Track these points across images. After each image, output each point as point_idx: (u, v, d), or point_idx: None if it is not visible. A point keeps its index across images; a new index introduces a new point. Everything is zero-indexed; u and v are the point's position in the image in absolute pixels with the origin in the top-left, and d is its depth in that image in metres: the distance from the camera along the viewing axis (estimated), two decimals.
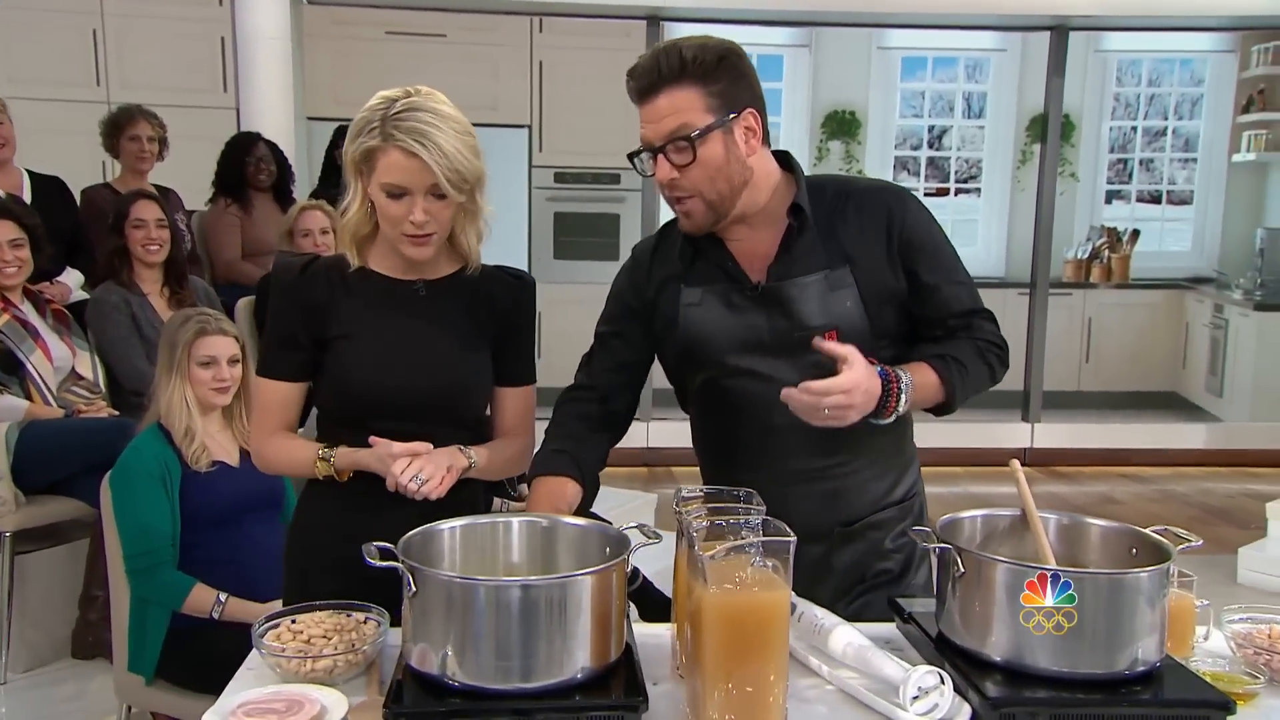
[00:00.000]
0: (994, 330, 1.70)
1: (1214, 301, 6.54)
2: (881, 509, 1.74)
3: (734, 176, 1.59)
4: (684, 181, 1.58)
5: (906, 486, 1.79)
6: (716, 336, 1.67)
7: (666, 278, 1.71)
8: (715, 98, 1.55)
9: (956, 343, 1.66)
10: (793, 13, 5.84)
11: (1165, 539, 1.35)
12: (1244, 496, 5.62)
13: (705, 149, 1.56)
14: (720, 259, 1.68)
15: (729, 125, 1.56)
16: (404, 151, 1.52)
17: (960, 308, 1.67)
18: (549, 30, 6.05)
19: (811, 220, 1.64)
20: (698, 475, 1.82)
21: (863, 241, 1.64)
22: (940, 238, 1.69)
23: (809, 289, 1.63)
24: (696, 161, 1.56)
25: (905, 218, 1.65)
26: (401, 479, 1.53)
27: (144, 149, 4.08)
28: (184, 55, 5.37)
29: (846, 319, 1.62)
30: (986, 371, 1.67)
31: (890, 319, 1.66)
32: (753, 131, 1.59)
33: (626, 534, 1.37)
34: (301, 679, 1.37)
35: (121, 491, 2.38)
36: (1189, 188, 7.26)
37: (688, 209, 1.61)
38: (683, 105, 1.55)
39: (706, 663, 1.24)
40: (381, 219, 1.61)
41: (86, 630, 3.12)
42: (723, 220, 1.63)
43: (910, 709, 1.28)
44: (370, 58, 5.92)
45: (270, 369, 1.68)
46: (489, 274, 1.73)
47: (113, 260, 3.42)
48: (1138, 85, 7.18)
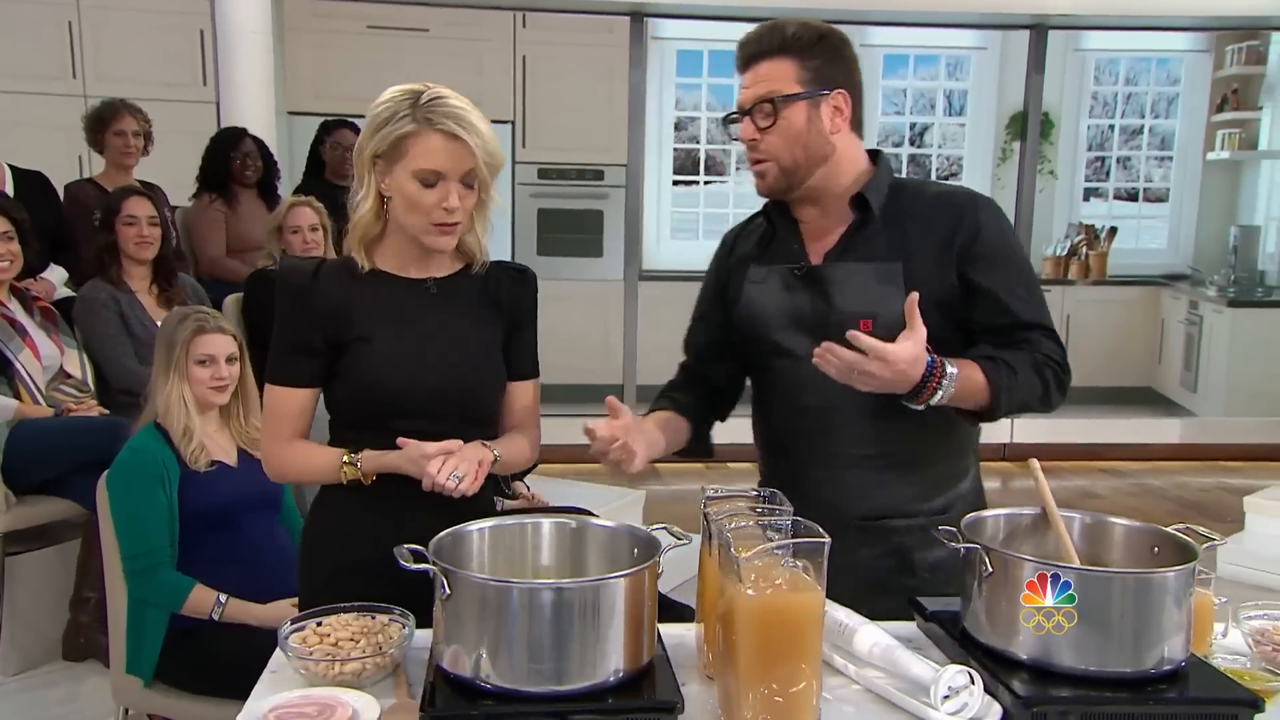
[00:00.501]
0: (1055, 349, 1.65)
1: (1189, 298, 6.63)
2: (909, 515, 1.72)
3: (812, 148, 1.67)
4: (763, 144, 1.67)
5: (948, 500, 1.75)
6: (767, 314, 1.75)
7: (744, 258, 1.81)
8: (808, 72, 1.65)
9: (1013, 352, 1.63)
10: (776, 9, 5.85)
11: (1188, 537, 1.37)
12: (1219, 490, 5.71)
13: (787, 115, 1.65)
14: (790, 239, 1.76)
15: (817, 100, 1.66)
16: (445, 135, 1.54)
17: (1019, 319, 1.65)
18: (532, 25, 6.03)
19: (878, 213, 1.69)
20: (680, 472, 1.87)
21: (923, 241, 1.67)
22: (1010, 249, 1.69)
23: (854, 276, 1.68)
24: (776, 126, 1.65)
25: (972, 223, 1.66)
26: (439, 478, 1.54)
27: (129, 144, 4.02)
28: (162, 48, 5.30)
29: (886, 311, 1.63)
30: (1039, 386, 1.63)
31: (936, 322, 1.62)
32: (840, 112, 1.68)
33: (655, 535, 1.37)
34: (329, 682, 1.36)
35: (119, 492, 2.36)
36: (1165, 185, 7.35)
37: (762, 170, 1.70)
38: (776, 74, 1.65)
39: (741, 664, 1.24)
40: (407, 210, 1.59)
41: (78, 632, 3.09)
42: (795, 189, 1.71)
43: (941, 708, 1.29)
44: (352, 52, 5.87)
45: (283, 375, 1.65)
46: (492, 270, 1.75)
47: (102, 257, 3.37)
48: (1115, 84, 7.25)
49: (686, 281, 6.59)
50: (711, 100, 7.05)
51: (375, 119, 1.58)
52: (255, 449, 2.52)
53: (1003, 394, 1.59)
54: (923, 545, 1.70)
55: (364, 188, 1.62)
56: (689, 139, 7.08)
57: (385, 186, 1.60)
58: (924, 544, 1.69)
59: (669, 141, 6.95)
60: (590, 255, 6.11)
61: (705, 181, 7.12)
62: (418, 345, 1.65)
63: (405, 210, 1.60)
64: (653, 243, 6.82)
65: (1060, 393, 1.65)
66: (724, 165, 7.18)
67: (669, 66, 6.83)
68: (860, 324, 1.61)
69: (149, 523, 2.33)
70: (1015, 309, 1.65)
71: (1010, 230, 1.72)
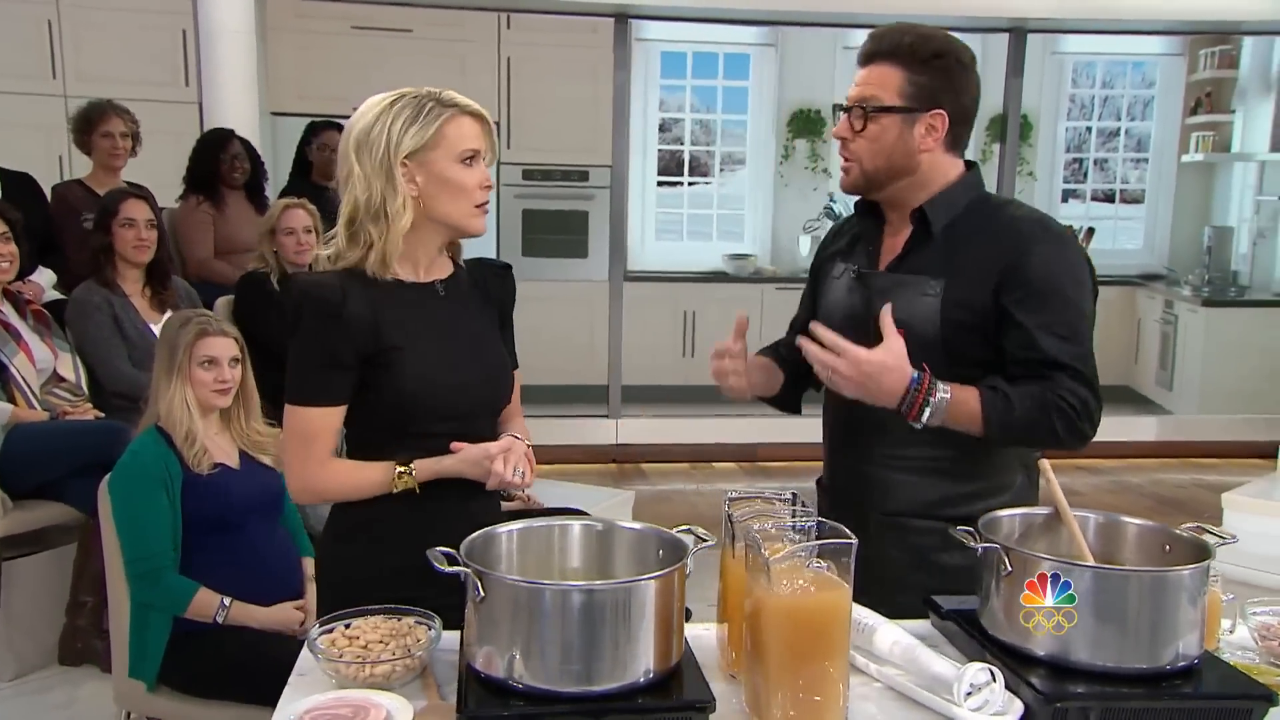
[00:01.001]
0: (1077, 391, 1.62)
1: (1165, 298, 6.73)
2: (934, 517, 1.72)
3: (896, 160, 1.71)
4: (852, 144, 1.73)
5: (977, 508, 1.65)
6: (832, 310, 1.83)
7: (836, 251, 1.90)
8: (913, 86, 1.68)
9: (1026, 386, 1.62)
10: (759, 12, 5.89)
11: (1197, 535, 1.41)
12: (1195, 487, 5.81)
13: (880, 124, 1.69)
14: (870, 241, 1.82)
15: (913, 117, 1.68)
16: (474, 116, 1.63)
17: (1047, 356, 1.62)
18: (516, 27, 6.03)
19: (937, 228, 1.72)
20: (666, 472, 1.95)
21: (974, 263, 1.68)
22: (1061, 288, 1.65)
23: (898, 286, 1.72)
24: (867, 131, 1.70)
25: (1023, 253, 1.64)
26: (506, 474, 1.59)
27: (118, 145, 4.00)
28: (143, 48, 5.26)
29: (919, 325, 1.67)
30: (1045, 426, 1.61)
31: (971, 344, 1.67)
32: (934, 131, 1.70)
33: (681, 537, 1.39)
34: (359, 684, 1.37)
35: (122, 495, 2.35)
36: (1141, 187, 7.46)
37: (846, 168, 1.77)
38: (883, 80, 1.69)
39: (771, 663, 1.27)
40: (452, 197, 1.62)
41: (75, 636, 3.07)
42: (873, 192, 1.77)
43: (964, 705, 1.32)
44: (335, 53, 5.85)
45: (317, 395, 1.61)
46: (475, 267, 1.80)
47: (97, 259, 3.35)
48: (1092, 87, 7.36)
49: (671, 282, 6.70)
50: (695, 102, 7.09)
51: (398, 121, 1.58)
52: (257, 451, 2.53)
53: (994, 426, 1.61)
54: (941, 548, 1.68)
55: (399, 195, 1.60)
56: (673, 140, 7.11)
57: (416, 185, 1.61)
58: (943, 546, 1.67)
59: (653, 143, 6.98)
60: (575, 256, 6.12)
61: (689, 183, 7.16)
62: (447, 348, 1.67)
63: (450, 198, 1.62)
64: (637, 243, 6.85)
65: (1073, 436, 1.62)
66: (708, 166, 7.22)
67: (653, 68, 6.86)
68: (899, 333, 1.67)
69: (152, 526, 2.33)
70: (1044, 346, 1.63)
71: (1067, 269, 1.67)
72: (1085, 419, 1.63)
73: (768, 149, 7.03)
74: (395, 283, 1.66)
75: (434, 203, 1.63)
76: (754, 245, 7.10)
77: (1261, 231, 6.86)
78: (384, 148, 1.59)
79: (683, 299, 6.41)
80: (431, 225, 1.66)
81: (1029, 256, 1.64)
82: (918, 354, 1.64)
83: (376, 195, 1.60)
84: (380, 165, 1.60)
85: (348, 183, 1.62)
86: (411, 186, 1.61)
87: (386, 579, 1.62)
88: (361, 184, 1.60)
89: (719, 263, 6.85)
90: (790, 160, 7.04)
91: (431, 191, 1.62)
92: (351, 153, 1.61)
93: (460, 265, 1.77)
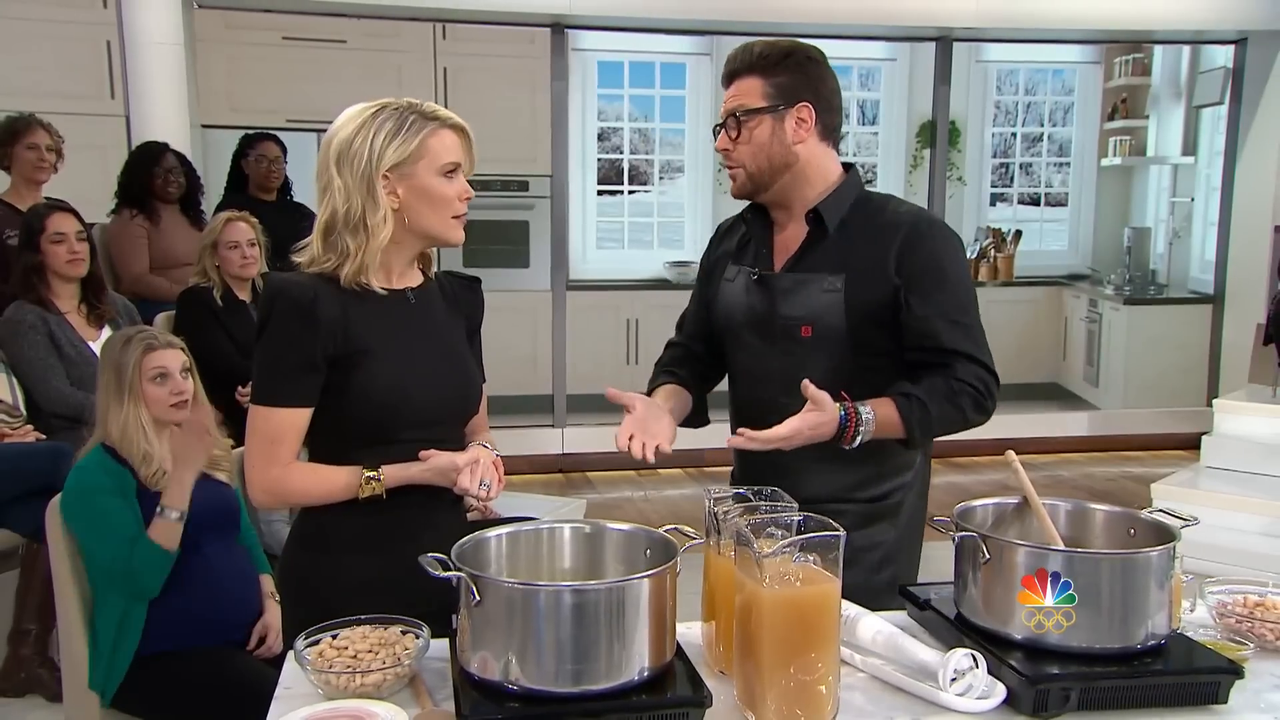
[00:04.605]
0: (976, 373, 1.76)
1: (1089, 297, 6.93)
2: (849, 501, 1.84)
3: (775, 157, 1.82)
4: (734, 153, 1.84)
5: (885, 489, 1.88)
6: (731, 310, 1.92)
7: (725, 253, 2.00)
8: (773, 88, 1.80)
9: (930, 380, 1.75)
10: (693, 21, 5.96)
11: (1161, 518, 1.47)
12: (1124, 479, 6.00)
13: (752, 128, 1.81)
14: (761, 243, 1.91)
15: (781, 113, 1.81)
16: (456, 129, 1.66)
17: (944, 344, 1.75)
18: (452, 37, 6.00)
19: (831, 227, 1.83)
20: (614, 480, 1.98)
21: (870, 256, 1.80)
22: (954, 276, 1.79)
23: (799, 285, 1.83)
24: (742, 137, 1.82)
25: (919, 246, 1.78)
26: (471, 488, 1.57)
27: (43, 158, 3.87)
28: (65, 60, 5.10)
29: (825, 321, 1.80)
30: (957, 414, 1.75)
31: (875, 334, 1.80)
32: (804, 123, 1.81)
33: (668, 536, 1.41)
34: (349, 694, 1.36)
35: (78, 510, 2.29)
36: (1064, 190, 7.69)
37: (733, 175, 1.88)
38: (746, 90, 1.82)
39: (764, 658, 1.29)
40: (431, 209, 1.64)
41: (19, 666, 2.96)
42: (761, 193, 1.87)
43: (949, 690, 1.36)
44: (267, 64, 5.75)
45: (286, 396, 1.61)
46: (445, 279, 1.81)
47: (29, 278, 3.24)
48: (1016, 94, 7.57)
49: (614, 290, 6.71)
50: (633, 111, 7.13)
51: (380, 134, 1.59)
52: (213, 467, 2.48)
53: (915, 428, 1.73)
54: (856, 526, 1.79)
55: (380, 207, 1.60)
56: (612, 149, 7.14)
57: (397, 197, 1.61)
58: (858, 525, 1.80)
59: (593, 152, 6.99)
60: (517, 266, 6.10)
61: (630, 191, 7.19)
62: (417, 355, 1.67)
63: (430, 210, 1.63)
64: (579, 253, 6.85)
65: (980, 414, 1.78)
66: (648, 175, 7.26)
67: (590, 78, 6.88)
68: (801, 329, 1.82)
69: (115, 523, 2.26)
70: (941, 334, 1.75)
71: (954, 256, 1.81)
72: (988, 396, 1.78)
73: (706, 157, 7.10)
74: (364, 290, 1.66)
75: (414, 215, 1.64)
76: (695, 252, 7.14)
77: (1176, 232, 7.12)
78: (366, 161, 1.60)
79: (625, 307, 6.43)
80: (410, 236, 1.67)
81: (917, 248, 1.78)
82: (827, 348, 1.79)
83: (356, 207, 1.61)
84: (362, 178, 1.60)
85: (326, 192, 1.62)
86: (393, 199, 1.62)
87: (353, 586, 1.63)
88: (341, 195, 1.60)
89: (661, 270, 6.89)
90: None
91: (412, 204, 1.63)
92: (332, 164, 1.61)
93: (430, 276, 1.77)
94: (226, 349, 3.51)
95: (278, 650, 2.34)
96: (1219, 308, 6.56)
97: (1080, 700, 1.33)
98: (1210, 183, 6.74)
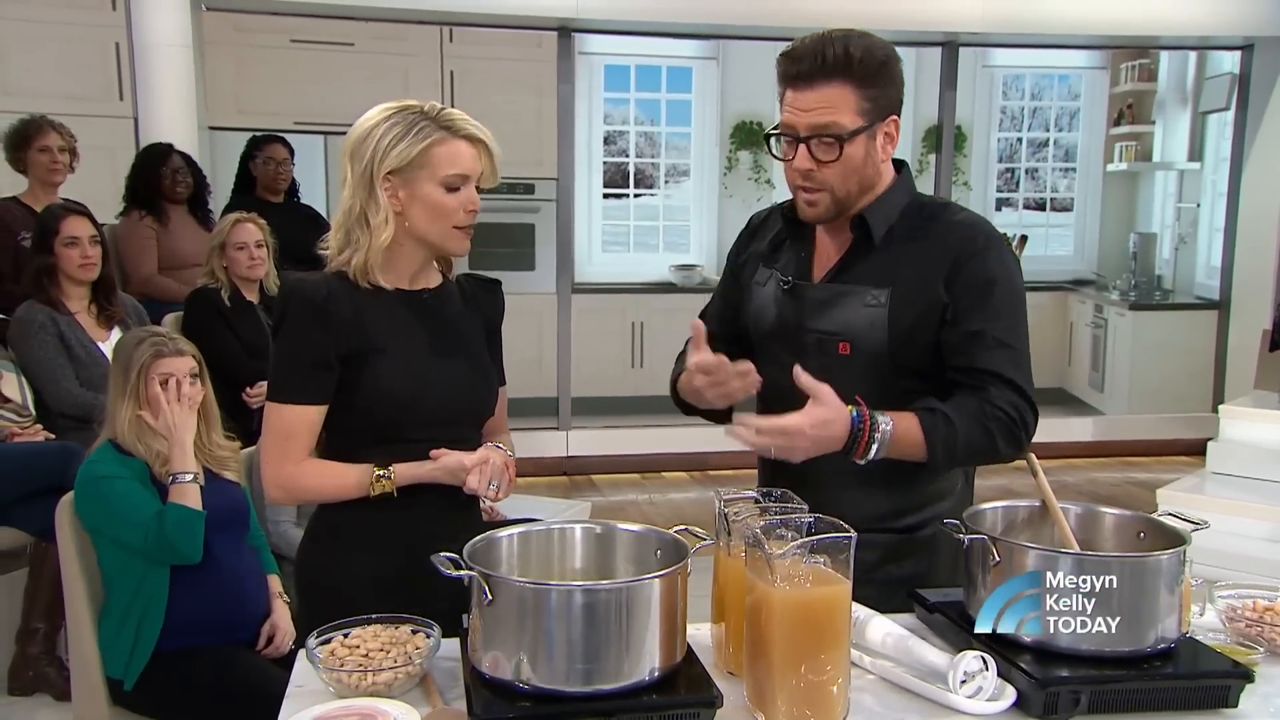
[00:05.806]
0: (1012, 400, 1.59)
1: (1095, 302, 6.94)
2: (882, 530, 1.67)
3: (866, 178, 1.63)
4: (820, 175, 1.61)
5: (918, 520, 1.71)
6: (759, 320, 1.76)
7: (756, 253, 1.82)
8: (869, 101, 1.58)
9: (961, 399, 1.59)
10: (700, 25, 5.97)
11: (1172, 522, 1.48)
12: (1129, 484, 6.00)
13: (850, 149, 1.59)
14: (799, 249, 1.74)
15: (874, 130, 1.60)
16: (469, 139, 1.62)
17: (982, 365, 1.59)
18: (459, 40, 6.01)
19: (877, 236, 1.66)
20: (617, 483, 1.92)
21: (921, 268, 1.62)
22: (1004, 294, 1.61)
23: (838, 298, 1.66)
24: (839, 160, 1.59)
25: (965, 259, 1.61)
26: (480, 489, 1.58)
27: (56, 160, 3.89)
28: (75, 62, 5.12)
29: (863, 336, 1.63)
30: (986, 440, 1.58)
31: (920, 356, 1.63)
32: (891, 139, 1.63)
33: (678, 537, 1.42)
34: (360, 693, 1.37)
35: (94, 500, 2.29)
36: (1070, 195, 7.69)
37: (814, 199, 1.64)
38: (837, 102, 1.57)
39: (774, 659, 1.29)
40: (432, 218, 1.63)
41: (26, 665, 2.97)
42: (842, 215, 1.66)
43: (959, 692, 1.36)
44: (275, 67, 5.77)
45: (299, 393, 1.63)
46: (465, 281, 1.81)
47: (40, 279, 3.25)
48: (1022, 99, 7.58)
49: (619, 294, 6.71)
50: (639, 114, 7.15)
51: (386, 136, 1.60)
52: (219, 467, 2.49)
53: (939, 447, 1.56)
54: (885, 561, 1.67)
55: (381, 208, 1.62)
56: (618, 152, 7.15)
57: (398, 201, 1.62)
58: (886, 559, 1.67)
59: (599, 155, 7.01)
60: (522, 269, 6.10)
61: (635, 194, 7.20)
62: (431, 355, 1.68)
63: (429, 219, 1.63)
64: (584, 256, 6.86)
65: (1011, 446, 1.60)
66: (653, 178, 7.27)
67: (597, 81, 6.90)
68: (838, 345, 1.64)
69: (135, 502, 2.26)
70: (979, 355, 1.59)
71: (1008, 273, 1.64)
72: (1022, 429, 1.60)
73: (711, 160, 7.11)
74: (378, 290, 1.67)
75: (413, 221, 1.64)
76: (700, 255, 7.16)
77: (1182, 237, 7.12)
78: (368, 160, 1.62)
79: (630, 310, 6.44)
80: (411, 241, 1.67)
81: (970, 263, 1.61)
82: (865, 368, 1.61)
83: (359, 204, 1.64)
84: (364, 176, 1.63)
85: (344, 185, 1.65)
86: (394, 201, 1.63)
87: (366, 582, 1.64)
88: (349, 190, 1.64)
89: (666, 273, 6.90)
90: (734, 171, 7.13)
91: (412, 210, 1.63)
92: (346, 158, 1.64)
93: (450, 278, 1.78)
94: (234, 349, 3.54)
95: (285, 650, 2.35)
96: (1225, 313, 6.55)
97: (1090, 703, 1.33)
98: (1216, 188, 6.74)
